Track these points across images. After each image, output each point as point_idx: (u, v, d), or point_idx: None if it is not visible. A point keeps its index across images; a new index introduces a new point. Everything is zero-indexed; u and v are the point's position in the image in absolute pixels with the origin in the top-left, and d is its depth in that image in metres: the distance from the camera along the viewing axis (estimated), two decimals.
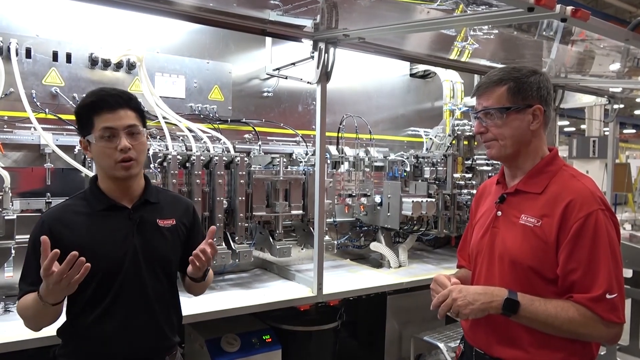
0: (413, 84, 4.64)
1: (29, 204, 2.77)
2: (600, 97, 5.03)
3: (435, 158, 3.99)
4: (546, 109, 1.69)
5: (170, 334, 1.81)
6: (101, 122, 1.63)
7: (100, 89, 1.71)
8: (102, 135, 1.63)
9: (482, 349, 1.77)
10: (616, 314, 1.54)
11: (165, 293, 1.79)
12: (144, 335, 1.73)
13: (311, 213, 3.24)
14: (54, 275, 1.42)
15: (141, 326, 1.72)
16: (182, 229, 1.85)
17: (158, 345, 1.78)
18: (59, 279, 1.42)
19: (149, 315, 1.73)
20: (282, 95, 3.83)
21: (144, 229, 1.73)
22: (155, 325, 1.75)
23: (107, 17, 3.02)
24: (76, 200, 1.75)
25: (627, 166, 11.29)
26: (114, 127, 1.63)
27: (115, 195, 1.72)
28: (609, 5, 13.57)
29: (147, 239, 1.73)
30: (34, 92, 2.84)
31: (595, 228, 1.55)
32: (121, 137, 1.63)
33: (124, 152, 1.62)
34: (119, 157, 1.63)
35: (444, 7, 2.77)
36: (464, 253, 2.04)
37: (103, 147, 1.63)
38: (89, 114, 1.65)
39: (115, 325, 1.67)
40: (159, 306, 1.75)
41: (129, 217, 1.72)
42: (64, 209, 1.70)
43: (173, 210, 1.84)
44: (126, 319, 1.69)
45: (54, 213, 1.70)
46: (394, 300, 3.67)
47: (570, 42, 3.58)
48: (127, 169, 1.65)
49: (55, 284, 1.44)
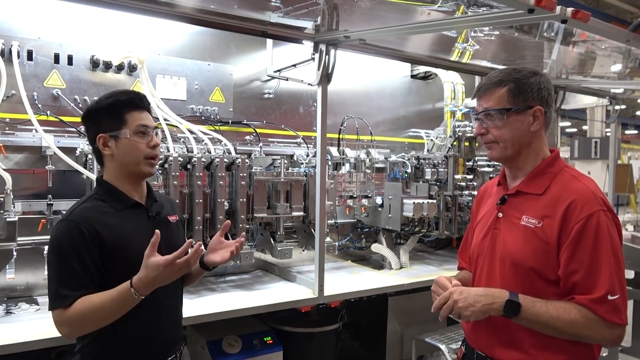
0: (414, 86, 4.64)
1: (30, 206, 2.78)
2: (602, 98, 5.02)
3: (436, 159, 3.98)
4: (547, 110, 1.69)
5: (182, 324, 1.93)
6: (135, 119, 1.72)
7: (129, 90, 1.81)
8: (137, 130, 1.71)
9: (484, 351, 1.76)
10: (618, 315, 1.53)
11: (179, 285, 1.88)
12: (168, 326, 1.81)
13: (312, 214, 3.24)
14: (176, 265, 1.52)
15: (165, 318, 1.79)
16: (181, 223, 1.99)
17: (177, 336, 1.87)
18: (182, 266, 1.54)
19: (171, 307, 1.82)
20: (283, 97, 3.84)
21: (161, 225, 1.78)
22: (175, 316, 1.85)
23: (109, 19, 3.02)
24: (94, 202, 1.72)
25: (629, 167, 11.27)
26: (149, 126, 1.74)
27: (130, 193, 1.78)
28: (610, 5, 13.56)
29: (166, 233, 1.76)
30: (36, 95, 2.84)
31: (597, 229, 1.54)
32: (152, 135, 1.74)
33: (154, 148, 1.74)
34: (149, 154, 1.73)
35: (444, 8, 2.77)
36: (464, 255, 2.03)
37: (137, 142, 1.71)
38: (122, 110, 1.71)
39: (143, 319, 1.71)
40: (176, 298, 1.87)
41: (148, 214, 1.79)
42: (90, 210, 1.68)
43: (170, 207, 1.95)
44: (154, 312, 1.74)
45: (82, 214, 1.66)
46: (396, 301, 3.66)
47: (571, 43, 3.58)
48: (152, 166, 1.77)
49: (172, 273, 1.55)
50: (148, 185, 1.87)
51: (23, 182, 2.83)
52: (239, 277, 3.44)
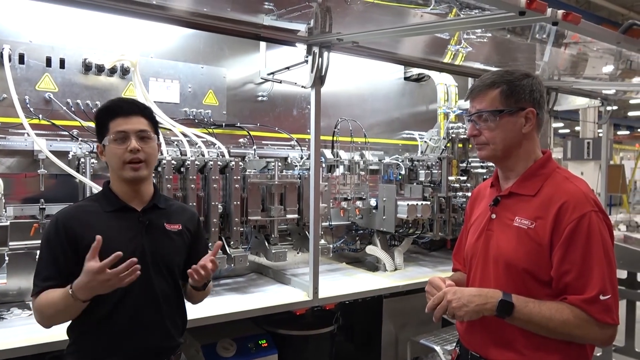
0: (407, 88, 4.65)
1: (22, 210, 2.76)
2: (594, 99, 5.05)
3: (430, 161, 4.00)
4: (539, 112, 1.70)
5: (175, 334, 1.86)
6: (115, 126, 1.74)
7: (118, 98, 1.86)
8: (115, 137, 1.73)
9: (478, 351, 1.77)
10: (610, 315, 1.54)
11: (171, 293, 1.84)
12: (151, 333, 1.78)
13: (306, 217, 3.24)
14: (106, 273, 1.51)
15: (149, 324, 1.77)
16: (187, 234, 1.92)
17: (164, 345, 1.83)
18: (110, 278, 1.52)
19: (156, 314, 1.79)
20: (277, 100, 3.84)
21: (152, 231, 1.80)
22: (161, 324, 1.81)
23: (101, 22, 3.01)
24: (88, 202, 1.87)
25: (622, 167, 11.36)
26: (126, 131, 1.73)
27: (126, 197, 1.80)
28: (601, 7, 13.67)
29: (155, 240, 1.80)
30: (28, 98, 2.83)
31: (589, 230, 1.56)
32: (131, 139, 1.73)
33: (133, 153, 1.72)
34: (128, 158, 1.72)
35: (437, 11, 2.78)
36: (459, 256, 2.04)
37: (115, 148, 1.74)
38: (105, 118, 1.77)
39: (124, 322, 1.72)
40: (165, 306, 1.81)
41: (139, 219, 1.79)
42: (77, 209, 1.80)
43: (179, 216, 1.92)
44: (135, 316, 1.74)
45: (67, 212, 1.77)
46: (390, 303, 3.66)
47: (563, 45, 3.61)
48: (135, 170, 1.74)
49: (103, 282, 1.53)
50: (156, 192, 1.87)
51: (15, 186, 2.81)
52: (234, 280, 3.43)
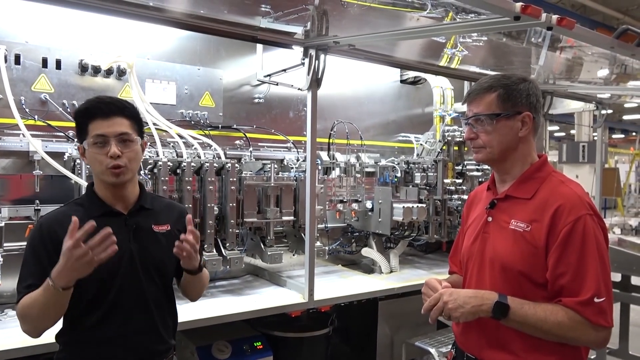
0: (403, 90, 4.67)
1: (17, 212, 2.75)
2: (589, 103, 5.08)
3: (425, 164, 4.01)
4: (535, 116, 1.72)
5: (166, 337, 1.84)
6: (94, 129, 1.66)
7: (97, 97, 1.74)
8: (94, 142, 1.66)
9: (474, 353, 1.77)
10: (604, 317, 1.55)
11: (161, 296, 1.81)
12: (142, 338, 1.75)
13: (302, 219, 3.24)
14: (81, 248, 1.45)
15: (139, 329, 1.74)
16: (176, 234, 1.84)
17: (155, 348, 1.80)
18: (86, 252, 1.46)
19: (147, 319, 1.76)
20: (273, 102, 3.84)
21: (140, 235, 1.75)
22: (152, 328, 1.78)
23: (97, 23, 3.01)
24: (73, 206, 1.76)
25: (617, 171, 11.42)
26: (105, 134, 1.66)
27: (111, 201, 1.74)
28: (597, 12, 13.75)
29: (143, 244, 1.76)
30: (23, 99, 2.82)
31: (584, 233, 1.57)
32: (111, 144, 1.65)
33: (113, 158, 1.65)
34: (109, 164, 1.66)
35: (433, 15, 2.80)
36: (455, 259, 2.05)
37: (94, 153, 1.67)
38: (83, 120, 1.69)
39: (114, 328, 1.70)
40: (156, 309, 1.78)
41: (125, 223, 1.74)
42: (62, 213, 1.72)
43: (167, 216, 1.87)
44: (125, 322, 1.71)
45: (51, 217, 1.72)
46: (386, 305, 3.67)
47: (558, 49, 3.63)
48: (116, 176, 1.68)
49: (79, 258, 1.46)
50: (142, 192, 1.82)
51: (10, 188, 2.79)
52: (229, 282, 3.42)
